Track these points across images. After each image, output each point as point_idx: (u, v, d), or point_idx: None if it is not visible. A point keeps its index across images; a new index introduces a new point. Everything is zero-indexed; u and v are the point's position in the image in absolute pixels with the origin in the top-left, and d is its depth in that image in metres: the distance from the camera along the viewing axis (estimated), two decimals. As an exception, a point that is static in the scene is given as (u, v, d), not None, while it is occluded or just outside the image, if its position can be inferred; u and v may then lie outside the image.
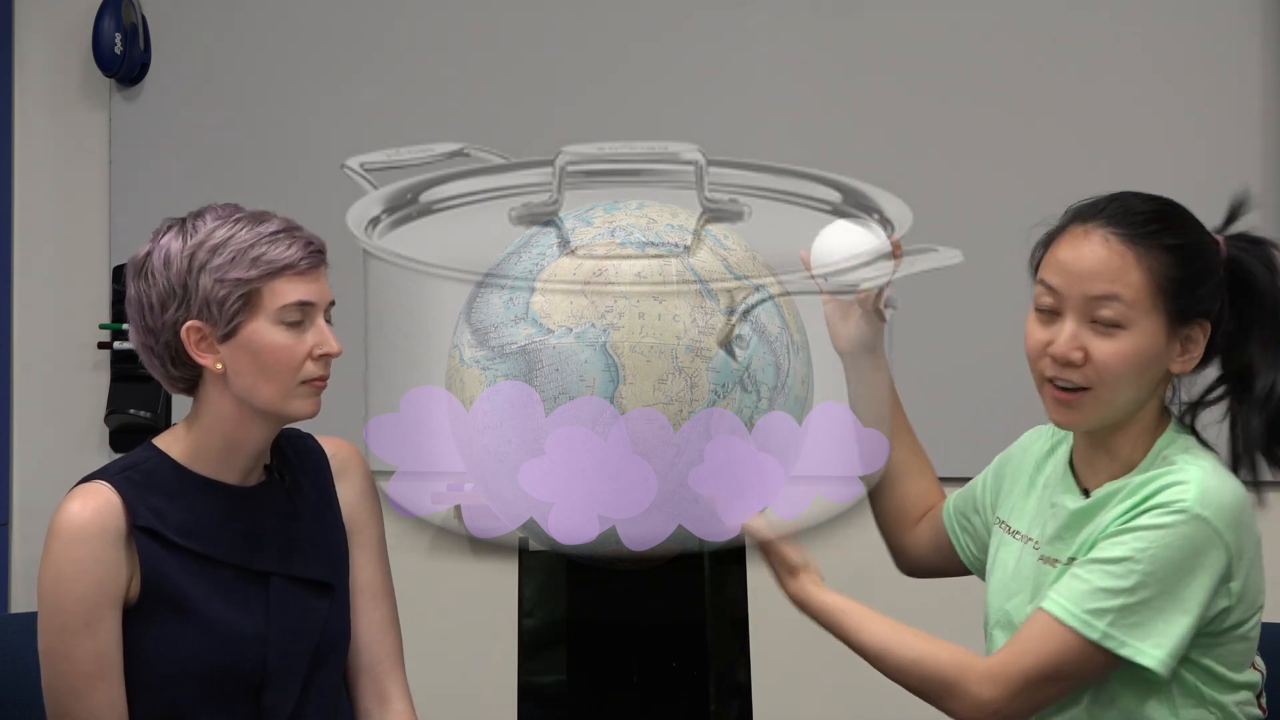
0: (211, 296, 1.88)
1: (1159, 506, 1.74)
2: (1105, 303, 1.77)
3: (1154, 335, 1.78)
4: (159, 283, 1.90)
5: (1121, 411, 1.81)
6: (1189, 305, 1.79)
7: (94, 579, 1.86)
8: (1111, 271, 1.77)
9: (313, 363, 1.91)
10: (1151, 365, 1.79)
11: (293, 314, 1.90)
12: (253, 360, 1.89)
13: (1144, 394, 1.81)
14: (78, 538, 1.86)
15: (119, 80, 3.74)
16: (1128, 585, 1.72)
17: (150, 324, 1.91)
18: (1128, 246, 1.78)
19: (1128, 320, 1.77)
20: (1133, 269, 1.77)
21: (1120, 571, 1.72)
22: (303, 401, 1.92)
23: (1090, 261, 1.78)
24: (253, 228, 1.91)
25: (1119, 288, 1.77)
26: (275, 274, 1.89)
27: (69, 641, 1.87)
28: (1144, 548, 1.72)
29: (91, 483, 1.91)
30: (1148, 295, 1.77)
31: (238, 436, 1.94)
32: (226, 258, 1.89)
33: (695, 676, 2.00)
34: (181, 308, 1.89)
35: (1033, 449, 1.98)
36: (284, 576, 1.96)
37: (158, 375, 1.96)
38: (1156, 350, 1.79)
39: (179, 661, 1.90)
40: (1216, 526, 1.73)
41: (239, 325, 1.89)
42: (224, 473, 1.95)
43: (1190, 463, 1.78)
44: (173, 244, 1.91)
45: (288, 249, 1.91)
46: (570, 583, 2.05)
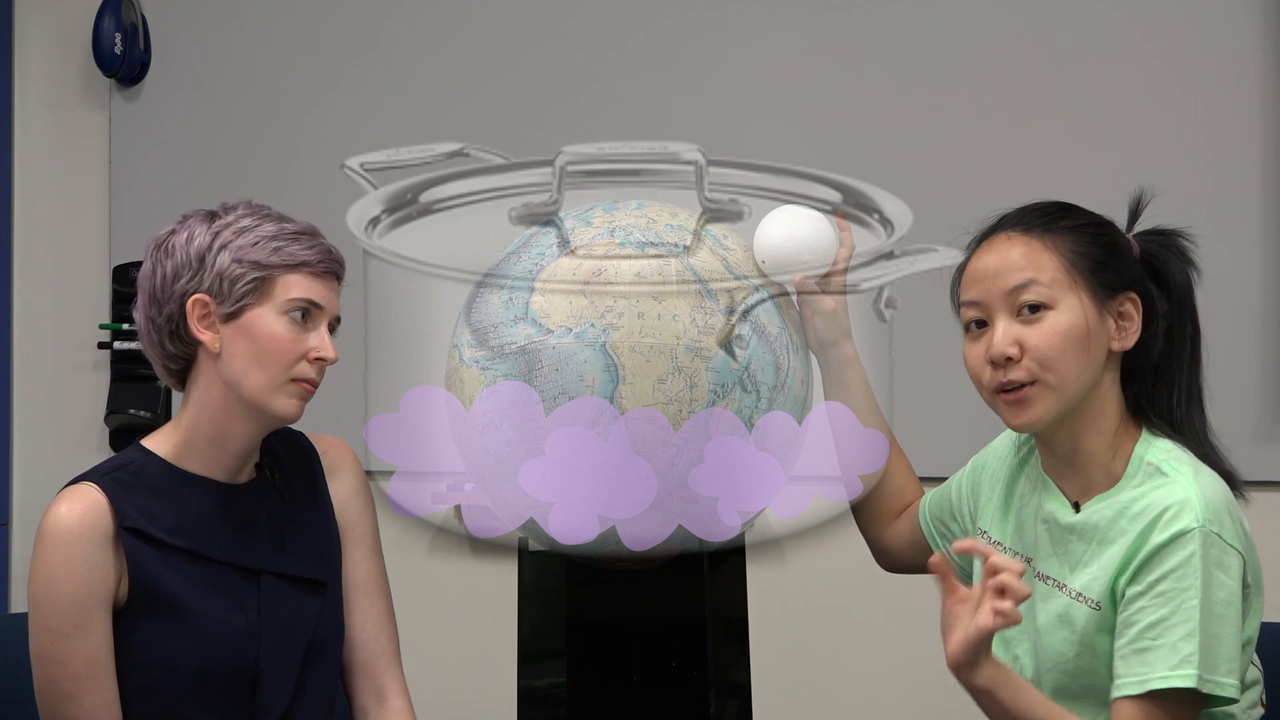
0: (226, 273, 1.90)
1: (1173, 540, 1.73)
2: (1025, 289, 1.80)
3: (1081, 310, 1.80)
4: (177, 255, 1.93)
5: (1074, 396, 1.80)
6: (1109, 278, 1.81)
7: (82, 581, 1.87)
8: (1023, 260, 1.81)
9: (307, 363, 1.93)
10: (1089, 343, 1.80)
11: (299, 310, 1.91)
12: (250, 345, 1.91)
13: (1090, 375, 1.81)
14: (65, 540, 1.87)
15: (119, 80, 3.74)
16: (1190, 629, 1.70)
17: (159, 295, 1.93)
18: (1031, 236, 1.83)
19: (1051, 299, 1.80)
20: (1041, 253, 1.81)
21: (1179, 620, 1.71)
22: (287, 400, 1.93)
23: (1000, 260, 1.83)
24: (279, 224, 1.96)
25: (1033, 272, 1.80)
26: (292, 268, 1.92)
27: (59, 644, 1.87)
28: (1182, 588, 1.71)
29: (79, 484, 1.91)
30: (1064, 273, 1.80)
31: (224, 429, 1.94)
32: (249, 241, 1.92)
33: (695, 676, 2.00)
34: (194, 279, 1.91)
35: (1007, 456, 1.96)
36: (275, 574, 1.96)
37: (153, 355, 1.97)
38: (1089, 326, 1.80)
39: (172, 661, 1.90)
40: (1227, 539, 1.73)
41: (245, 308, 1.91)
42: (213, 470, 1.95)
43: (1178, 471, 1.77)
44: (199, 225, 1.95)
45: (308, 249, 1.95)
46: (570, 583, 2.05)
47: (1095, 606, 1.77)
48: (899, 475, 2.08)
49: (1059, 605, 1.81)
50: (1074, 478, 1.84)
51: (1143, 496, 1.76)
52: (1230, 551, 1.73)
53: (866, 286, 1.98)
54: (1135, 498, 1.77)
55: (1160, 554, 1.73)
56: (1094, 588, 1.78)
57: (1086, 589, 1.78)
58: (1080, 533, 1.81)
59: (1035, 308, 1.80)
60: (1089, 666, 1.78)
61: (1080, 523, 1.81)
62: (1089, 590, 1.78)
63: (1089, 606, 1.78)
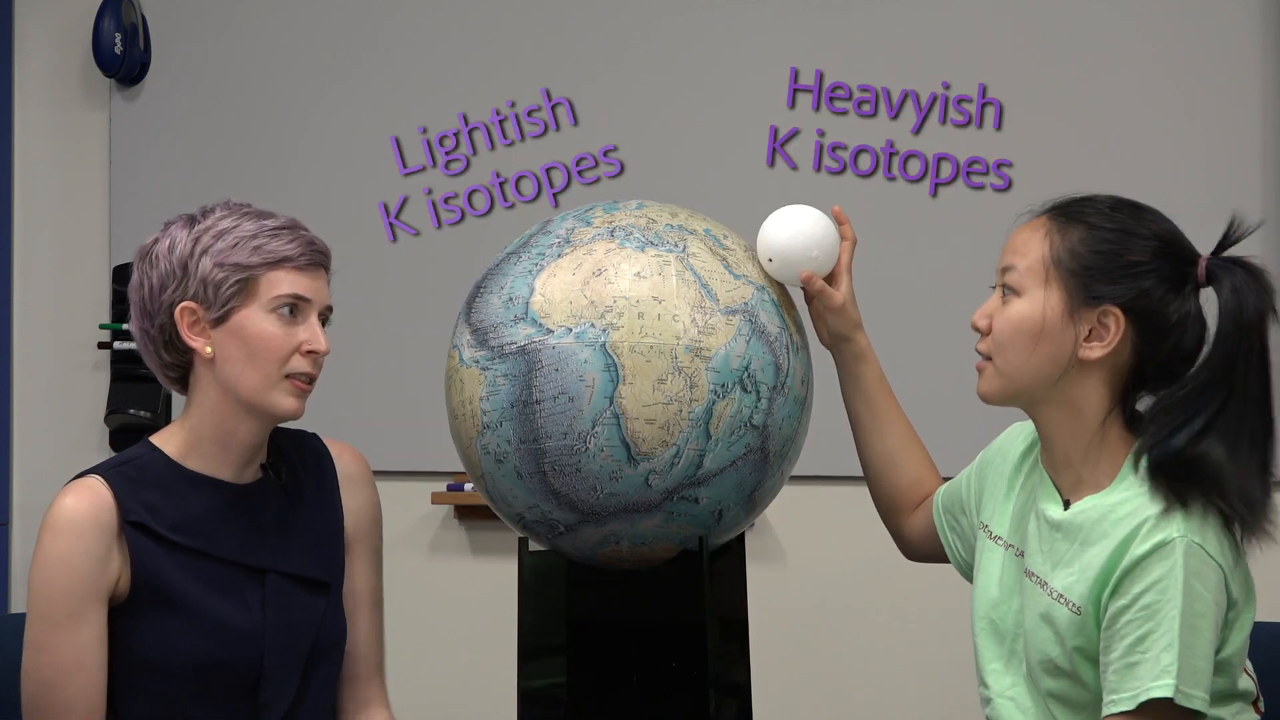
0: (209, 279, 1.90)
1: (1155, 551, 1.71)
2: (1007, 272, 1.82)
3: (1043, 305, 1.79)
4: (161, 265, 1.93)
5: (1023, 385, 1.80)
6: (1089, 285, 1.78)
7: (79, 572, 1.87)
8: (1021, 244, 1.82)
9: (300, 357, 1.92)
10: (1048, 339, 1.79)
11: (286, 306, 1.91)
12: (241, 347, 1.91)
13: (1043, 371, 1.80)
14: (67, 530, 1.87)
15: (119, 80, 3.74)
16: (1170, 640, 1.69)
17: (149, 307, 1.94)
18: (1052, 222, 1.82)
19: (1021, 287, 1.80)
20: (1040, 242, 1.80)
21: (1162, 632, 1.70)
22: (285, 397, 1.92)
23: (1015, 237, 1.84)
24: (258, 221, 1.94)
25: (1018, 258, 1.81)
26: (274, 265, 1.91)
27: (50, 632, 1.87)
28: (1165, 600, 1.70)
29: (85, 478, 1.92)
30: (1041, 265, 1.79)
31: (227, 429, 1.94)
32: (229, 243, 1.91)
33: (695, 676, 2.00)
34: (179, 288, 1.91)
35: (1011, 451, 1.96)
36: (280, 573, 1.96)
37: (152, 364, 1.98)
38: (1048, 322, 1.78)
39: (173, 657, 1.90)
40: (1209, 551, 1.72)
41: (232, 310, 1.91)
42: (219, 469, 1.95)
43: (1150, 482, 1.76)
44: (180, 231, 1.95)
45: (289, 243, 1.93)
46: (570, 583, 2.05)
47: (1075, 610, 1.77)
48: (916, 466, 2.08)
49: (1042, 604, 1.80)
50: (1066, 474, 1.84)
51: (1128, 501, 1.76)
52: (1210, 563, 1.71)
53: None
54: (1121, 501, 1.76)
55: (1143, 565, 1.72)
56: (1075, 590, 1.77)
57: (1067, 590, 1.78)
58: (1066, 530, 1.80)
59: (1009, 290, 1.82)
60: (1069, 669, 1.78)
61: (1067, 520, 1.80)
62: (1069, 593, 1.77)
63: (1069, 610, 1.77)
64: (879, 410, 2.05)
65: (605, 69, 3.57)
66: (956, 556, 2.02)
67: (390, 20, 3.65)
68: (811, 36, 3.48)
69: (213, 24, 3.74)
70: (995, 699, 1.86)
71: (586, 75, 3.57)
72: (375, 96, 3.65)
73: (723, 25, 3.51)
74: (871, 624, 3.46)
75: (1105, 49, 3.37)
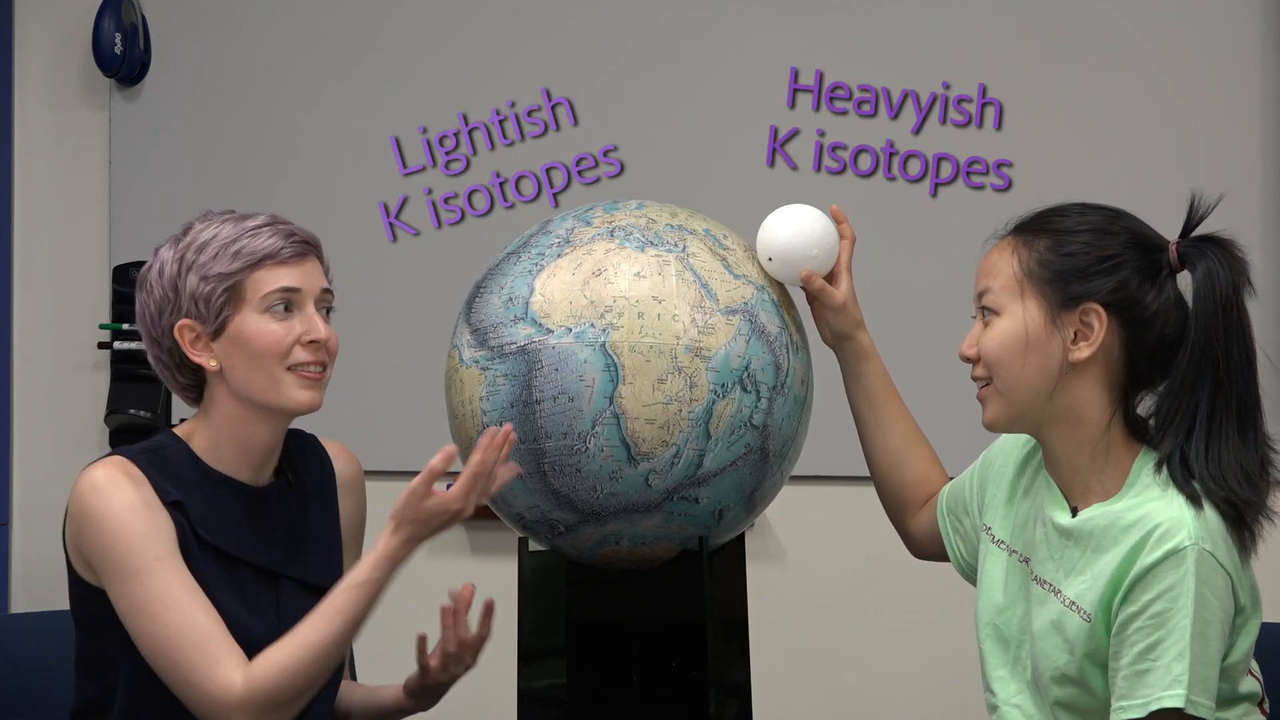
0: (198, 294, 1.90)
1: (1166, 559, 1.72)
2: (983, 295, 1.84)
3: (1026, 318, 1.80)
4: (155, 291, 1.93)
5: (1026, 400, 1.81)
6: (1066, 288, 1.79)
7: (149, 520, 1.84)
8: (991, 266, 1.84)
9: (301, 348, 1.91)
10: (1036, 350, 1.80)
11: (278, 303, 1.91)
12: (242, 352, 1.90)
13: (1041, 383, 1.80)
14: (116, 489, 1.85)
15: (119, 80, 3.74)
16: (1181, 649, 1.70)
17: (154, 333, 1.94)
18: (1017, 239, 1.84)
19: (999, 306, 1.82)
20: (1009, 260, 1.83)
21: (1173, 641, 1.70)
22: (296, 390, 1.92)
23: (984, 262, 1.86)
24: (237, 224, 1.93)
25: (991, 279, 1.83)
26: (256, 265, 1.91)
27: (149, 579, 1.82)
28: (1176, 608, 1.70)
29: (110, 458, 1.90)
30: (1015, 281, 1.81)
31: (246, 434, 1.94)
32: (210, 255, 1.91)
33: (695, 676, 2.00)
34: (174, 310, 1.91)
35: (1012, 454, 1.96)
36: (292, 579, 1.96)
37: (174, 389, 1.98)
38: (1034, 334, 1.79)
39: None
40: (1219, 558, 1.72)
41: (226, 320, 1.90)
42: (239, 470, 1.95)
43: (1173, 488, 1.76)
44: (166, 253, 1.94)
45: (268, 239, 1.92)
46: (570, 583, 2.05)
47: (1086, 618, 1.77)
48: (922, 463, 2.08)
49: (1053, 611, 1.80)
50: (1073, 481, 1.84)
51: (1137, 507, 1.76)
52: (1219, 571, 1.72)
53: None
54: (1130, 508, 1.76)
55: (1154, 572, 1.72)
56: (1087, 597, 1.77)
57: (1080, 598, 1.78)
58: (1076, 538, 1.80)
59: (989, 312, 1.83)
60: (1078, 677, 1.78)
61: (1076, 527, 1.80)
62: (1082, 600, 1.77)
63: (1081, 617, 1.77)
64: (883, 408, 2.05)
65: (605, 69, 3.57)
66: (958, 558, 2.02)
67: (390, 20, 3.65)
68: (811, 36, 3.48)
69: (213, 24, 3.74)
70: (1001, 706, 1.86)
71: (586, 75, 3.57)
72: (375, 96, 3.65)
73: (723, 25, 3.50)
74: (872, 624, 3.46)
75: (1105, 49, 3.37)
